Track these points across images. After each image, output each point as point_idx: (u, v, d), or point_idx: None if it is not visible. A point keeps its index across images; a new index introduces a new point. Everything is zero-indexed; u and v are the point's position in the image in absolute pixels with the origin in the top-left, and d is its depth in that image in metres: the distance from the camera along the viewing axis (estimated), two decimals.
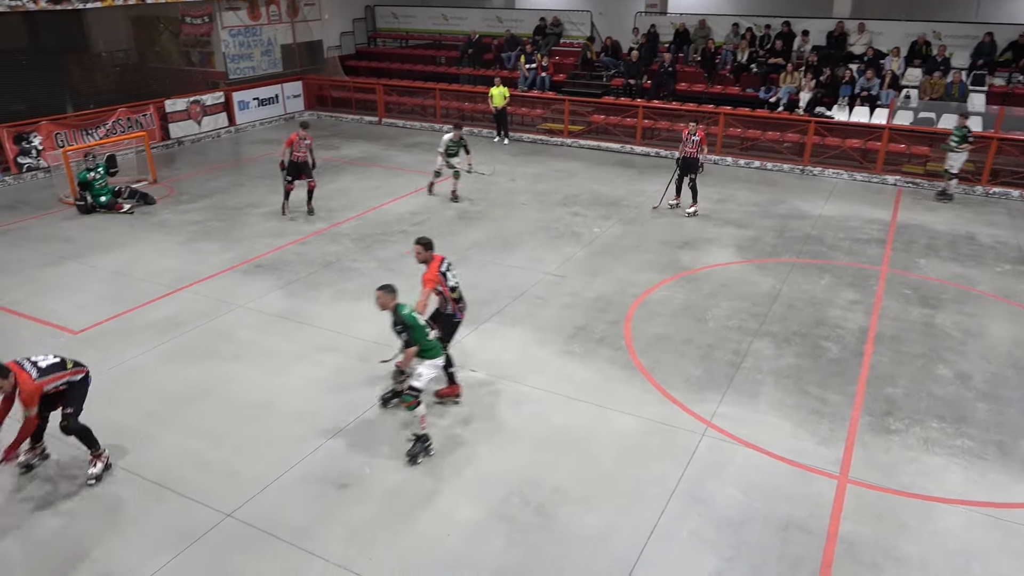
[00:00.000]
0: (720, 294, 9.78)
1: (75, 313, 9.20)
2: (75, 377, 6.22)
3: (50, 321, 9.01)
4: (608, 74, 19.38)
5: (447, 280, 7.14)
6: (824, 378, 7.86)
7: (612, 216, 12.82)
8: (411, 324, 6.42)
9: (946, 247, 11.56)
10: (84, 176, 12.74)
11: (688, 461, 6.54)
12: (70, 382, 6.17)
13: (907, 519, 5.91)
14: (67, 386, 6.16)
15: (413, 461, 6.49)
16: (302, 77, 21.50)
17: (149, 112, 17.31)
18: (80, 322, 8.97)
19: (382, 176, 15.30)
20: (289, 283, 10.09)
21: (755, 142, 16.61)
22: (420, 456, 6.52)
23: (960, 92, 15.79)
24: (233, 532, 5.74)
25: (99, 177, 12.84)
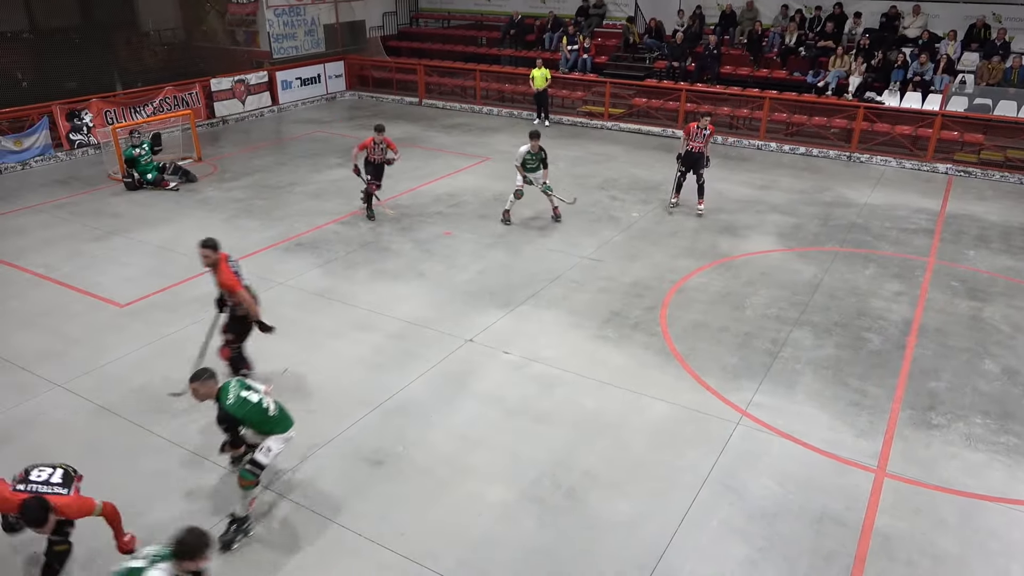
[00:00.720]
0: (759, 282, 9.62)
1: (121, 286, 9.44)
2: None
3: (97, 294, 9.26)
4: (651, 56, 19.10)
5: (242, 277, 6.80)
6: (865, 370, 7.71)
7: (651, 201, 12.68)
8: (240, 416, 5.26)
9: (998, 239, 11.19)
10: (130, 153, 13.04)
11: (722, 450, 6.48)
12: None
13: (946, 516, 5.79)
14: None
15: (227, 548, 5.40)
16: (344, 57, 21.62)
17: (195, 91, 17.59)
18: (126, 295, 9.21)
19: (421, 157, 15.35)
20: (328, 262, 10.22)
21: (801, 127, 16.25)
22: (236, 542, 5.48)
23: (1020, 78, 15.19)
24: (271, 503, 5.87)
25: (144, 154, 13.09)
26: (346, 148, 15.91)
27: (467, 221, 11.72)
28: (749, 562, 5.34)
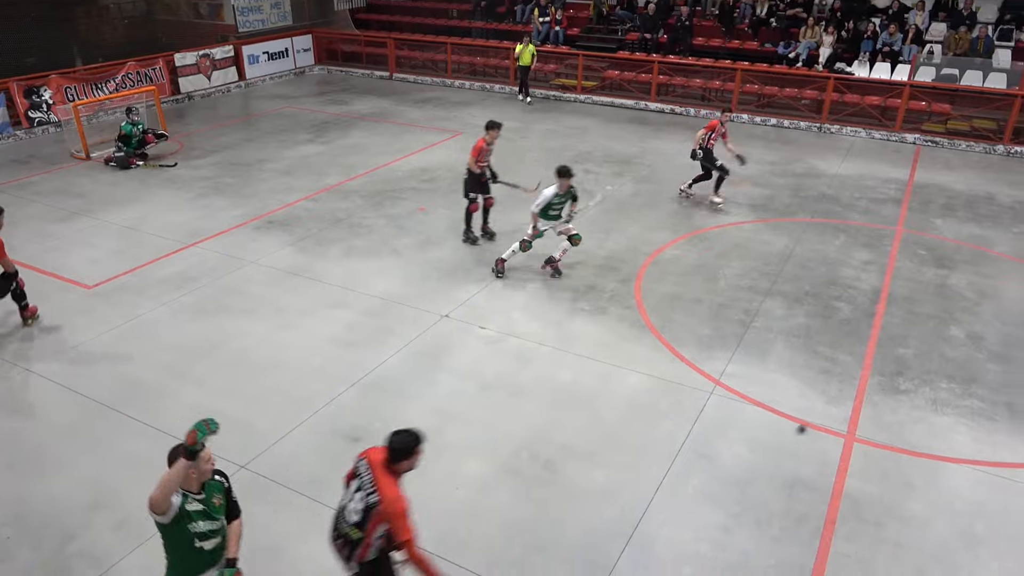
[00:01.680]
0: (732, 253, 9.71)
1: (88, 268, 9.28)
2: None
3: (63, 276, 9.08)
4: (623, 28, 19.00)
5: None
6: (835, 338, 7.84)
7: (625, 174, 12.69)
8: None
9: (964, 207, 11.39)
10: (128, 129, 12.81)
11: (696, 419, 6.57)
12: None
13: (913, 478, 5.94)
14: None
15: None
16: (312, 31, 21.22)
17: (159, 66, 17.18)
18: (93, 277, 9.05)
19: (393, 132, 15.18)
20: (300, 239, 10.11)
21: (772, 99, 16.32)
22: None
23: (986, 48, 15.38)
24: (248, 483, 5.83)
25: (138, 135, 12.92)
26: (315, 123, 15.73)
27: (441, 196, 11.65)
28: (723, 528, 5.45)
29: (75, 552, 5.23)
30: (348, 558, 4.13)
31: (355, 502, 4.07)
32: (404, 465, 4.07)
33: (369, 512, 3.97)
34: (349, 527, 4.07)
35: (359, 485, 4.08)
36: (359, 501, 4.04)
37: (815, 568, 5.12)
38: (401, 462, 4.05)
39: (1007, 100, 14.13)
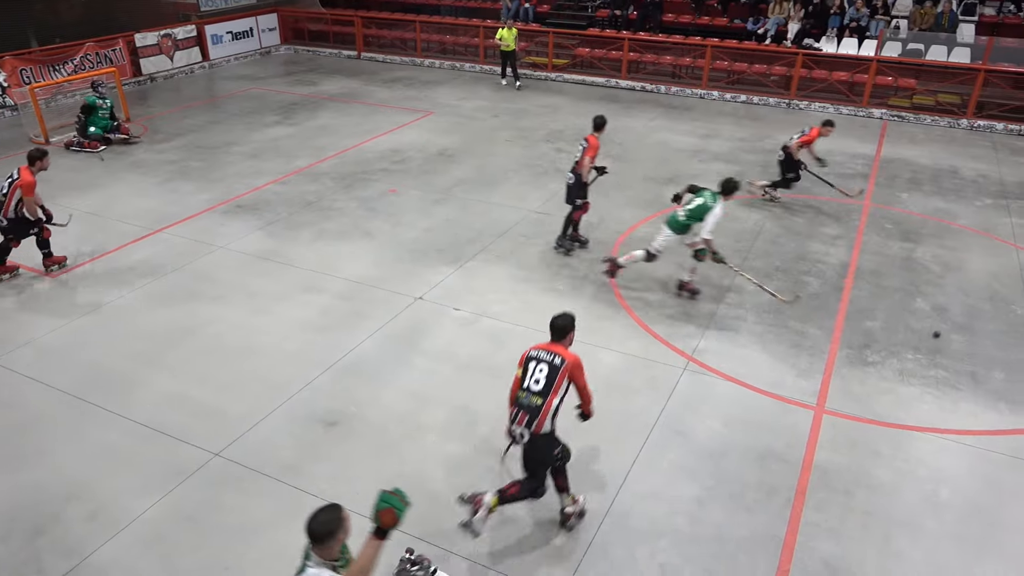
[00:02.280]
0: None
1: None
2: None
3: (26, 265, 8.88)
4: (593, 5, 18.90)
5: None
6: (804, 312, 7.96)
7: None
8: None
9: (929, 181, 11.58)
10: (92, 100, 12.54)
11: (670, 395, 6.65)
12: None
13: (880, 447, 6.08)
14: None
15: None
16: (277, 9, 20.81)
17: (118, 47, 16.75)
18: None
19: (362, 113, 15.00)
20: (270, 223, 9.99)
21: (742, 75, 16.38)
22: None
23: (950, 22, 15.57)
24: (223, 471, 5.81)
25: (105, 108, 12.64)
26: (283, 105, 15.49)
27: (413, 177, 11.56)
28: (697, 500, 5.54)
29: (46, 544, 5.17)
30: (529, 425, 4.91)
31: (536, 373, 4.95)
32: (568, 339, 5.10)
33: (554, 373, 4.90)
34: (532, 396, 4.93)
35: (537, 359, 4.98)
36: (540, 371, 4.94)
37: (787, 538, 5.24)
38: (565, 337, 5.09)
39: (970, 75, 14.34)
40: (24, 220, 8.37)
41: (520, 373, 5.05)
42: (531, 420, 4.89)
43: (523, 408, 4.96)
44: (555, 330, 5.09)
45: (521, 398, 4.98)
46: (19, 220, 8.36)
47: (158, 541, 5.19)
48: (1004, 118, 14.14)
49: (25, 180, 8.17)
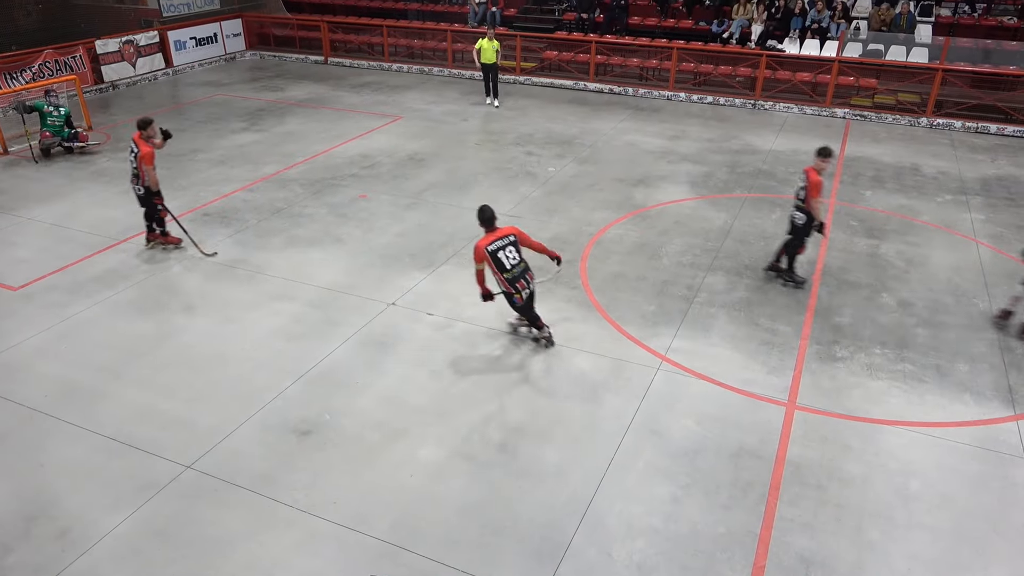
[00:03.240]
0: (673, 231, 9.87)
1: (13, 269, 8.88)
2: None
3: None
4: (560, 8, 18.99)
5: None
6: (774, 310, 8.06)
7: (566, 155, 12.75)
8: None
9: (891, 179, 11.81)
10: (40, 104, 12.24)
11: (643, 395, 6.69)
12: None
13: (851, 442, 6.18)
14: None
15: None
16: (242, 15, 20.59)
17: (79, 54, 16.43)
18: (18, 278, 8.66)
19: (330, 119, 14.90)
20: (239, 231, 9.86)
21: (708, 77, 16.56)
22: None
23: (908, 23, 15.91)
24: (195, 483, 5.72)
25: (56, 116, 12.37)
26: (249, 111, 15.31)
27: (383, 183, 11.51)
28: (673, 499, 5.58)
29: (14, 564, 5.04)
30: (532, 279, 7.12)
31: (508, 254, 6.90)
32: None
33: (516, 246, 6.99)
34: (518, 265, 6.97)
35: (501, 247, 6.88)
36: (510, 251, 6.91)
37: (762, 533, 5.30)
38: (496, 220, 7.05)
39: (929, 74, 14.66)
40: (150, 192, 8.93)
41: (492, 266, 6.84)
42: (531, 277, 7.04)
43: (520, 276, 6.95)
44: (488, 220, 6.95)
45: (514, 273, 6.90)
46: (148, 191, 8.95)
47: (131, 557, 5.09)
48: (962, 116, 14.48)
49: (143, 151, 8.68)
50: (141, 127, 8.91)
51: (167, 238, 9.39)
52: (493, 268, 6.87)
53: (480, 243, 6.88)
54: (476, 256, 6.90)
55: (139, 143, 8.81)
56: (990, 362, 7.23)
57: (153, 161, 8.79)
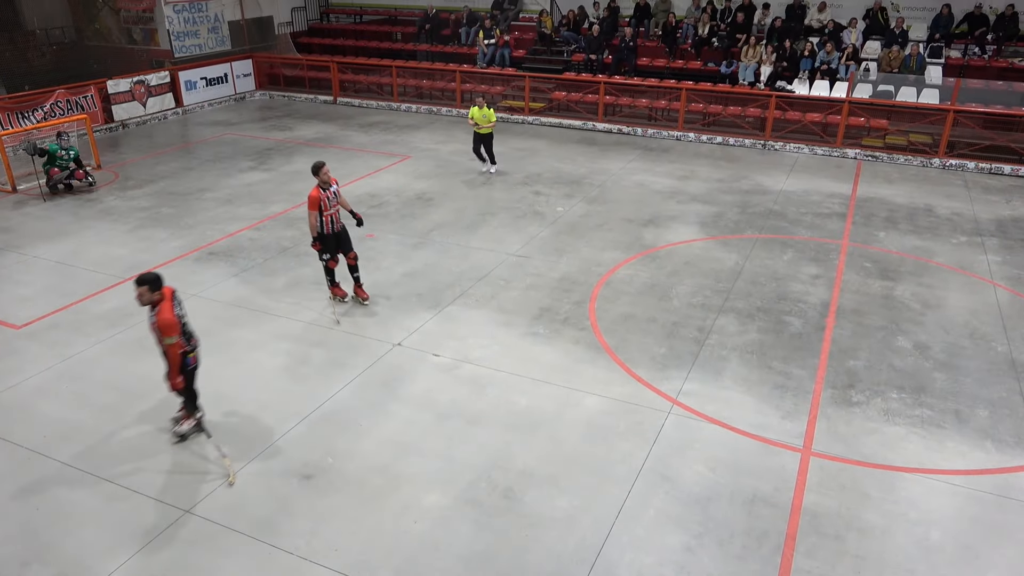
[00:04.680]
0: (684, 271, 9.76)
1: (16, 307, 8.83)
2: None
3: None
4: (569, 49, 19.19)
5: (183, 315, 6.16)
6: (787, 353, 7.90)
7: (575, 195, 12.72)
8: None
9: (905, 220, 11.70)
10: (54, 148, 12.38)
11: (654, 439, 6.51)
12: None
13: (869, 490, 5.97)
14: None
15: None
16: (252, 55, 20.89)
17: (90, 93, 16.64)
18: (23, 316, 8.61)
19: (339, 157, 14.96)
20: (244, 270, 9.81)
21: (717, 117, 16.62)
22: None
23: (918, 64, 15.96)
24: (194, 528, 5.57)
25: (66, 158, 12.51)
26: (258, 150, 15.43)
27: (391, 222, 11.48)
28: (685, 549, 5.38)
29: None
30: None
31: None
32: None
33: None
34: None
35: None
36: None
37: None
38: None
39: (940, 115, 14.65)
40: (320, 236, 8.35)
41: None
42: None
43: None
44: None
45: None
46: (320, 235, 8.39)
47: None
48: (975, 157, 14.42)
49: (309, 195, 8.22)
50: (313, 172, 8.27)
51: (334, 289, 8.84)
52: None
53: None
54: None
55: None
56: (1011, 407, 7.03)
57: (315, 206, 8.17)
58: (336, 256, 8.58)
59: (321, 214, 8.19)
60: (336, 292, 8.82)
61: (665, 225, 11.36)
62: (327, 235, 8.33)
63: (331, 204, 8.26)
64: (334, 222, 8.34)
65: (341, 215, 8.46)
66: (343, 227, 8.48)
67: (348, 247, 8.61)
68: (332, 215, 8.30)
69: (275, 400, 7.06)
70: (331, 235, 8.35)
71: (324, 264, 8.59)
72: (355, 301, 8.86)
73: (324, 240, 8.35)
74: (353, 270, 8.75)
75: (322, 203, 8.16)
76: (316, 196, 8.13)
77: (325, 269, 8.65)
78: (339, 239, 8.47)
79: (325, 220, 8.23)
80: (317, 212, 8.17)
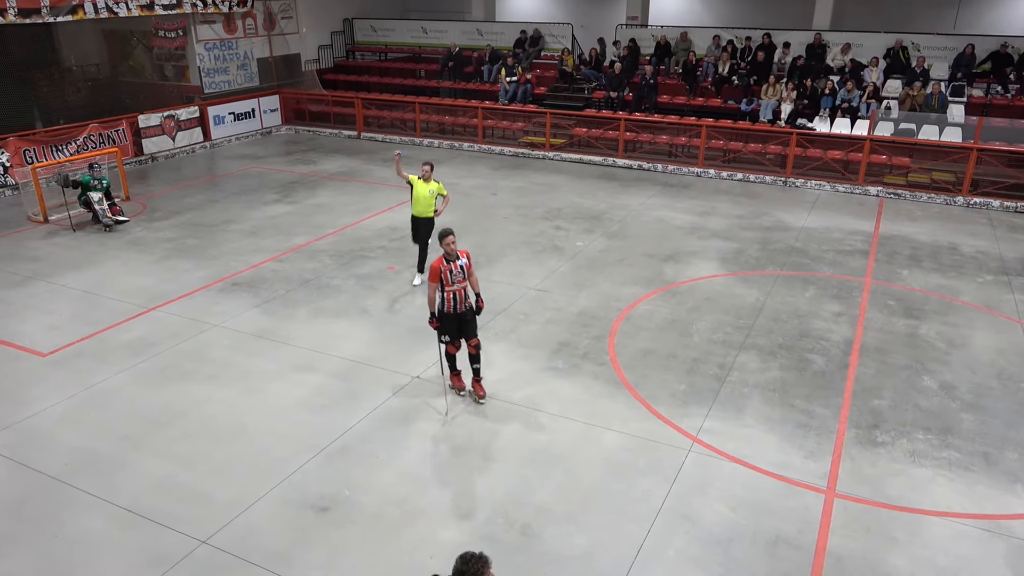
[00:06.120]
0: (704, 307, 9.70)
1: (43, 335, 8.95)
2: None
3: (17, 343, 8.75)
4: (590, 87, 19.39)
5: None
6: (810, 391, 7.79)
7: (595, 230, 12.75)
8: None
9: (928, 258, 11.58)
10: (87, 179, 12.65)
11: (675, 478, 6.42)
12: None
13: (895, 533, 5.82)
14: None
15: None
16: (279, 91, 21.33)
17: (122, 127, 17.05)
18: (49, 344, 8.72)
19: (361, 191, 15.15)
20: (266, 301, 9.90)
21: (737, 154, 16.65)
22: None
23: (940, 103, 15.92)
24: (209, 559, 5.54)
25: (100, 188, 12.76)
26: (282, 183, 15.66)
27: (411, 255, 11.51)
28: None
29: None
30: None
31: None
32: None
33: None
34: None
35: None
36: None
37: None
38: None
39: (963, 153, 14.56)
40: (440, 313, 7.28)
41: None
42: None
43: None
44: None
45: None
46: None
47: None
48: (1000, 195, 14.29)
49: (431, 265, 7.18)
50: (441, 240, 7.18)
51: (453, 378, 7.71)
52: None
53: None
54: None
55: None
56: None
57: (436, 278, 7.10)
58: (457, 340, 7.44)
59: (442, 288, 7.12)
60: (455, 383, 7.69)
61: (685, 261, 11.33)
62: (448, 314, 7.21)
63: (455, 279, 7.10)
64: (458, 300, 7.16)
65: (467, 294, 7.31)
66: (469, 308, 7.30)
67: (472, 332, 7.39)
68: (456, 292, 7.13)
69: (293, 431, 7.06)
70: (453, 315, 7.22)
71: (443, 348, 7.50)
72: (471, 396, 7.63)
73: (444, 319, 7.24)
74: (474, 360, 7.50)
75: (443, 276, 7.04)
76: (437, 268, 7.03)
77: (444, 354, 7.54)
78: (462, 321, 7.28)
79: (447, 296, 7.13)
80: (438, 286, 7.09)
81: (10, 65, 18.91)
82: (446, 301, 7.15)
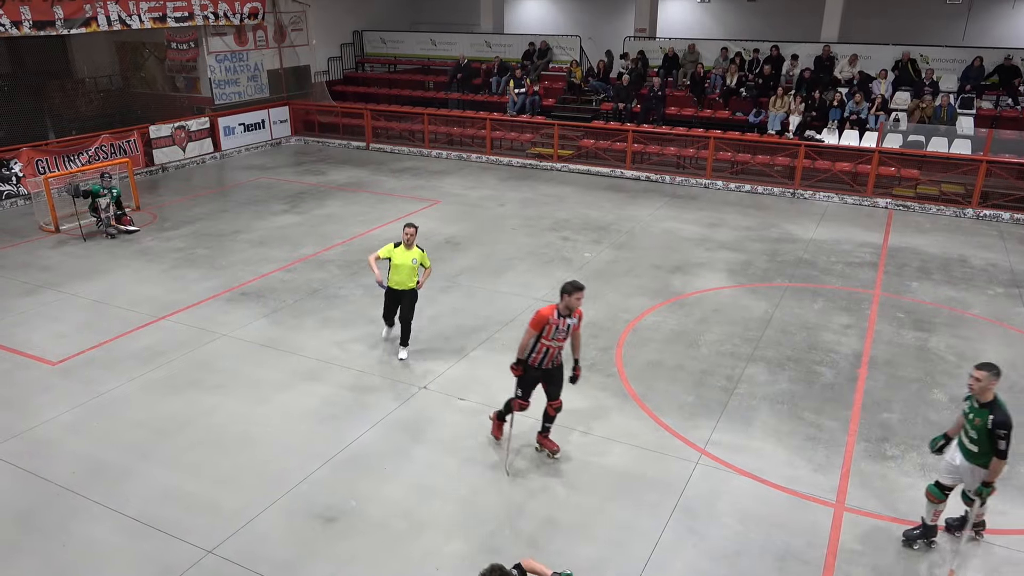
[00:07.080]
0: (712, 319, 9.67)
1: (53, 343, 8.99)
2: None
3: (26, 352, 8.79)
4: (598, 98, 19.44)
5: None
6: (819, 404, 7.74)
7: (603, 241, 12.74)
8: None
9: (938, 270, 11.52)
10: (96, 188, 12.74)
11: (682, 490, 6.38)
12: None
13: (906, 548, 5.76)
14: None
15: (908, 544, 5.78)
16: (289, 102, 21.47)
17: (133, 138, 17.17)
18: (58, 352, 8.76)
19: (369, 202, 15.20)
20: (274, 311, 9.92)
21: (745, 166, 16.63)
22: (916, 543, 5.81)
23: (949, 115, 15.89)
24: (215, 569, 5.53)
25: (110, 197, 12.86)
26: (291, 194, 15.73)
27: None
28: None
29: None
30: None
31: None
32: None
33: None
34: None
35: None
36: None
37: None
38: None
39: (973, 165, 14.52)
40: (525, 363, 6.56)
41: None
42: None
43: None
44: None
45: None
46: None
47: None
48: (1010, 208, 14.22)
49: (539, 310, 6.41)
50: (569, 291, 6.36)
51: (496, 423, 7.02)
52: None
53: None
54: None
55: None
56: None
57: (538, 327, 6.32)
58: (530, 398, 6.71)
59: (539, 339, 6.38)
60: (494, 431, 7.03)
61: (693, 272, 11.30)
62: (532, 367, 6.51)
63: (557, 336, 6.38)
64: (548, 355, 6.47)
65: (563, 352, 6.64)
66: (558, 367, 6.64)
67: (555, 392, 6.70)
68: (551, 348, 6.43)
69: (300, 441, 7.06)
70: (538, 370, 6.53)
71: (512, 399, 6.73)
72: (540, 451, 6.93)
73: (527, 371, 6.53)
74: (548, 419, 6.79)
75: (546, 328, 6.30)
76: (545, 316, 6.27)
77: (507, 403, 6.81)
78: (548, 378, 6.63)
79: (539, 348, 6.40)
80: (537, 335, 6.34)
81: (24, 76, 19.12)
82: (536, 352, 6.43)
